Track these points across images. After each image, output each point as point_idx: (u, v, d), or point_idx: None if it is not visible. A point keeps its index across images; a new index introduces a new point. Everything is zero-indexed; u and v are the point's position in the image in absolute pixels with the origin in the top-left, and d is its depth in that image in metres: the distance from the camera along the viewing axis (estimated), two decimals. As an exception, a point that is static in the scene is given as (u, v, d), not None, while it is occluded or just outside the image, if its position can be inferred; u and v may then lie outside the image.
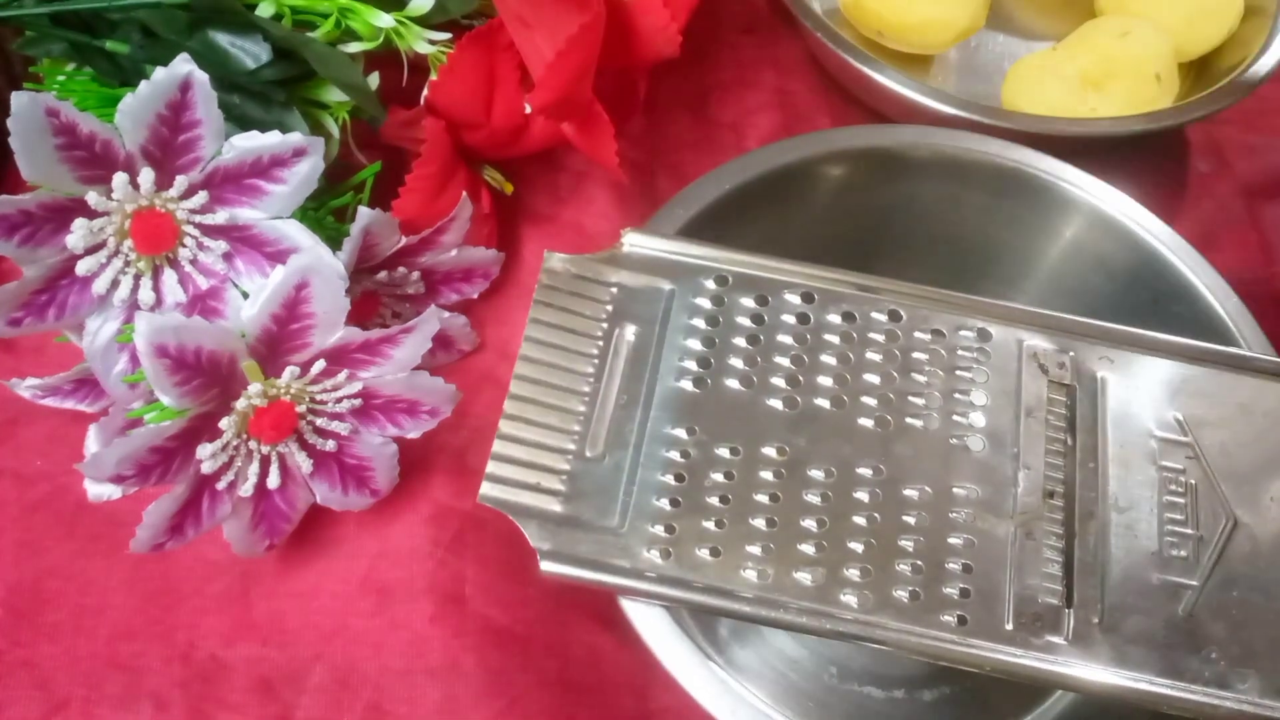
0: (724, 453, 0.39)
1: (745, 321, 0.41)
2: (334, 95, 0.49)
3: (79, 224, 0.40)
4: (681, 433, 0.39)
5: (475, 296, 0.52)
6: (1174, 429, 0.40)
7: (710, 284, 0.42)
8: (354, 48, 0.49)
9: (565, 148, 0.56)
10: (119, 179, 0.39)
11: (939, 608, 0.36)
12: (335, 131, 0.50)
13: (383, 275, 0.46)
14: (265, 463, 0.43)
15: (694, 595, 0.36)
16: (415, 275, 0.47)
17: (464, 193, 0.47)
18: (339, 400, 0.42)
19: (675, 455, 0.38)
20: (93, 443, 0.47)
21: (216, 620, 0.47)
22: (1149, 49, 0.58)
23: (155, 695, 0.45)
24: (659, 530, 0.37)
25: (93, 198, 0.39)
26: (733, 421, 0.39)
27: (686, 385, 0.40)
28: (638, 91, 0.55)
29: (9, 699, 0.45)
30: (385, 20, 0.48)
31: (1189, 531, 0.38)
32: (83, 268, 0.40)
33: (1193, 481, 0.39)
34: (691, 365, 0.40)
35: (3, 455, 0.50)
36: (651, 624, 0.37)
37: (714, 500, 0.38)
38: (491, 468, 0.38)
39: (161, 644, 0.46)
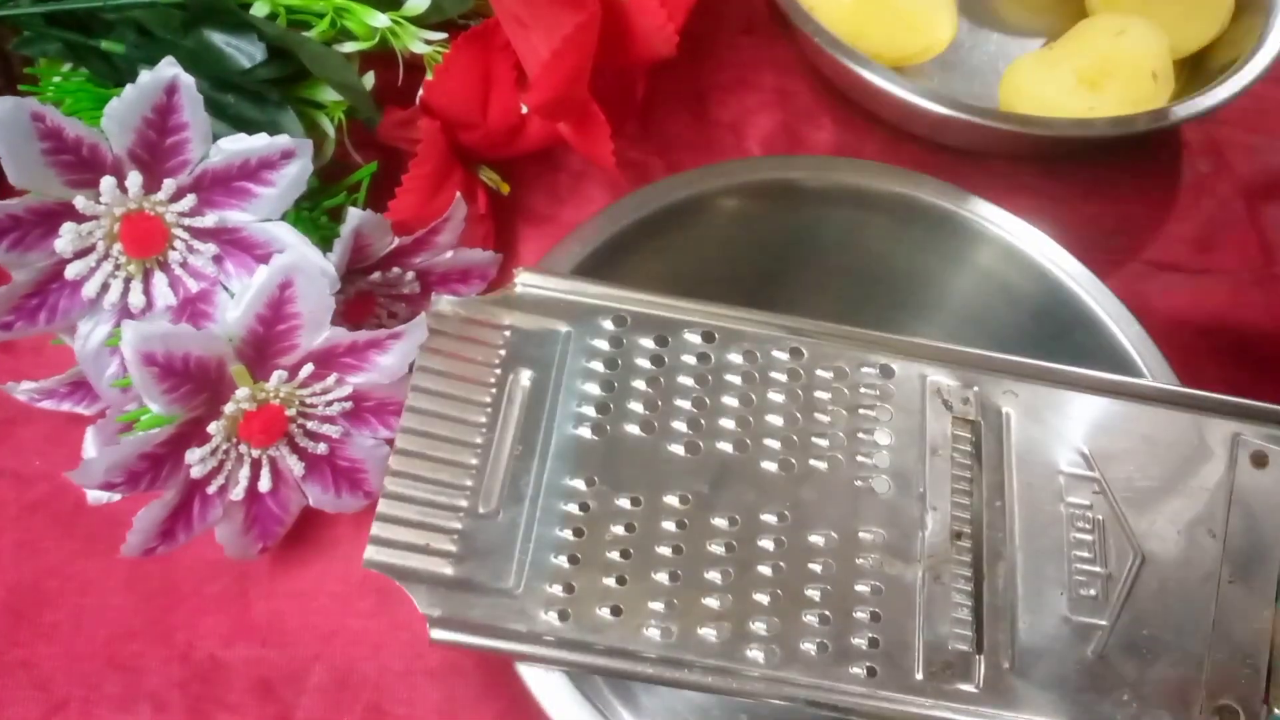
0: (624, 504, 0.36)
1: (644, 363, 0.39)
2: (329, 95, 0.48)
3: (67, 228, 0.38)
4: (580, 484, 0.36)
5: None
6: (1080, 464, 0.38)
7: (608, 324, 0.39)
8: (349, 47, 0.48)
9: (564, 147, 0.55)
10: (106, 183, 0.38)
11: (848, 659, 0.34)
12: (331, 131, 0.49)
13: (377, 276, 0.45)
14: (256, 466, 0.41)
15: (595, 659, 0.34)
16: (410, 275, 0.46)
17: (458, 193, 0.46)
18: (329, 404, 0.41)
19: (573, 508, 0.36)
20: (90, 444, 0.46)
21: (215, 620, 0.46)
22: (1145, 47, 0.57)
23: (154, 695, 0.44)
24: (557, 590, 0.35)
25: (80, 202, 0.38)
26: (633, 470, 0.37)
27: (584, 432, 0.37)
28: (635, 91, 0.54)
29: (8, 699, 0.44)
30: (381, 20, 0.47)
31: (1097, 569, 0.36)
32: (71, 271, 0.39)
33: (1100, 517, 0.37)
34: (589, 411, 0.38)
35: (1, 455, 0.49)
36: (551, 690, 0.36)
37: (614, 555, 0.35)
38: (376, 530, 0.35)
39: (160, 644, 0.45)
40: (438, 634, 0.34)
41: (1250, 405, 0.39)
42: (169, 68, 0.37)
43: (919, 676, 0.34)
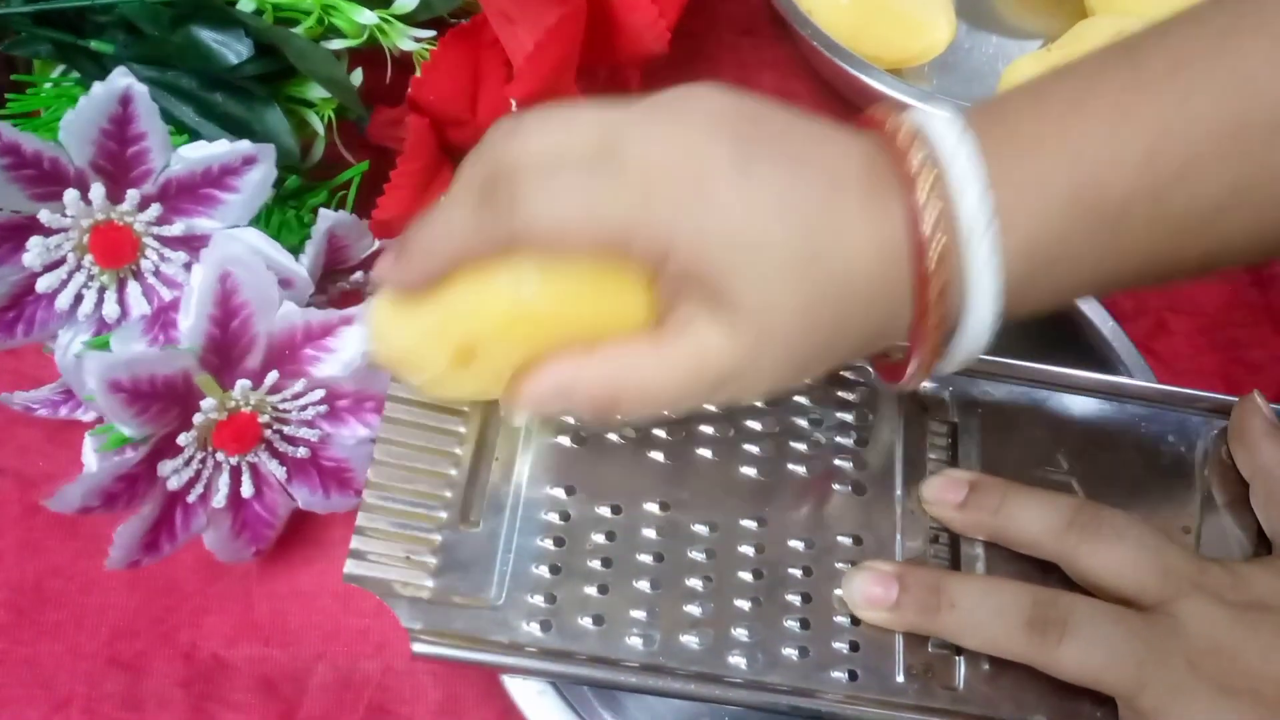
0: (605, 512, 0.34)
1: None
2: (318, 93, 0.46)
3: (34, 242, 0.37)
4: (560, 492, 0.34)
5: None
6: (1054, 463, 0.36)
7: None
8: (337, 45, 0.45)
9: (555, 143, 0.51)
10: (70, 195, 0.36)
11: (829, 664, 0.32)
12: (320, 129, 0.46)
13: (359, 276, 0.42)
14: (236, 473, 0.39)
15: (578, 669, 0.32)
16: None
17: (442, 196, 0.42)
18: (303, 408, 0.38)
19: (554, 517, 0.34)
20: (90, 449, 0.43)
21: (218, 620, 0.44)
22: (1144, 48, 0.53)
23: (157, 694, 0.42)
24: (538, 600, 0.33)
25: (45, 215, 0.36)
26: (612, 477, 0.35)
27: (564, 440, 0.35)
28: (630, 90, 0.51)
29: (11, 697, 0.42)
30: (368, 17, 0.45)
31: None
32: (42, 285, 0.37)
33: None
34: (568, 418, 0.35)
35: (5, 455, 0.47)
36: (534, 698, 0.35)
37: (595, 564, 0.33)
38: (356, 543, 0.33)
39: (164, 643, 0.43)
40: (420, 647, 0.32)
41: (1221, 399, 0.37)
42: (121, 78, 0.35)
43: (900, 679, 0.32)
